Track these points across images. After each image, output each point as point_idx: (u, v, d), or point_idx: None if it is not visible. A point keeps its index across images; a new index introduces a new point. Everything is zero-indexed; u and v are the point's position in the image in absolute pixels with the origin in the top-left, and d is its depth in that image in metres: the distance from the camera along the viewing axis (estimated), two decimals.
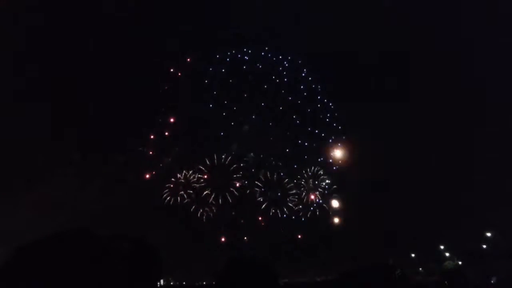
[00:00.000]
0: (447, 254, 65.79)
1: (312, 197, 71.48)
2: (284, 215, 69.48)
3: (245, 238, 63.26)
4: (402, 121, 67.36)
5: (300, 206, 70.66)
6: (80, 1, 63.51)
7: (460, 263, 63.38)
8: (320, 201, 72.48)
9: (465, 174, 63.37)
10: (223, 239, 65.88)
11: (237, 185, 68.99)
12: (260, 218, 68.20)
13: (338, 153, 73.94)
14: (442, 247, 66.74)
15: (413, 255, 67.64)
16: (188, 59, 70.80)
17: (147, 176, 67.69)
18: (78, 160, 59.33)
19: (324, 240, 67.21)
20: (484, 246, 63.50)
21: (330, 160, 74.29)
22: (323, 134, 75.22)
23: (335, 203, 73.39)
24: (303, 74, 77.35)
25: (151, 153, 67.99)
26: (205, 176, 68.40)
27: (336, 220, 72.74)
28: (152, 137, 68.45)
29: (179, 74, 70.69)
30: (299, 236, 68.81)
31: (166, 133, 68.09)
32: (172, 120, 69.44)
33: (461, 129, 65.37)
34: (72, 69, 60.58)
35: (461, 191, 62.12)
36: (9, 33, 54.83)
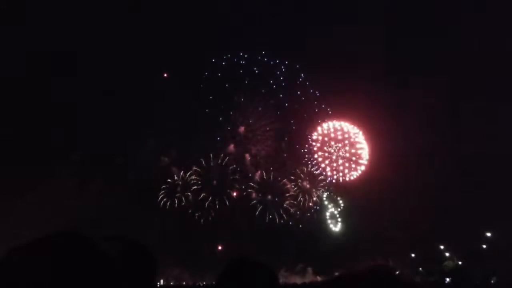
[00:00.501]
0: (447, 254, 65.86)
1: (311, 204, 70.66)
2: (282, 220, 68.82)
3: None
4: (401, 121, 67.31)
5: (298, 212, 70.00)
6: (80, 2, 63.38)
7: (460, 263, 63.49)
8: (318, 207, 72.02)
9: (465, 174, 63.34)
10: (219, 248, 65.37)
11: (234, 194, 68.45)
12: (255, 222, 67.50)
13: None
14: (442, 247, 66.78)
15: (413, 255, 67.65)
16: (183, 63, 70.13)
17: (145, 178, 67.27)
18: (76, 161, 59.23)
19: (323, 241, 67.17)
20: (484, 246, 63.54)
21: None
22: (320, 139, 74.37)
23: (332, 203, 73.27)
24: (301, 79, 76.82)
25: (149, 154, 67.43)
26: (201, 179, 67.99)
27: (336, 227, 72.23)
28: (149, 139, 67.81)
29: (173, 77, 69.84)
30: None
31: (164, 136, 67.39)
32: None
33: (461, 129, 65.35)
34: (71, 70, 60.59)
35: (461, 191, 62.10)
36: (6, 32, 54.81)
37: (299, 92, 75.96)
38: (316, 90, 75.84)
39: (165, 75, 69.63)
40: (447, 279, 57.86)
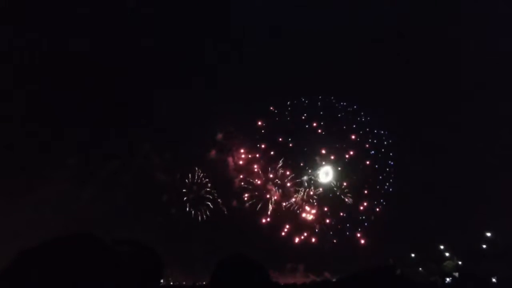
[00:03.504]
0: (447, 254, 65.83)
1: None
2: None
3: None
4: (404, 122, 67.37)
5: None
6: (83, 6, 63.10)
7: (460, 263, 63.45)
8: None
9: (465, 174, 63.39)
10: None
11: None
12: None
13: None
14: (442, 247, 66.75)
15: (413, 255, 67.64)
16: None
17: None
18: (77, 162, 59.14)
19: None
20: (484, 246, 63.54)
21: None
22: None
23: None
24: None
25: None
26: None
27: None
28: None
29: None
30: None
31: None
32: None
33: (461, 129, 65.41)
34: (71, 70, 60.49)
35: (461, 191, 62.13)
36: (8, 35, 54.80)
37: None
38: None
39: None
40: (447, 279, 57.82)
